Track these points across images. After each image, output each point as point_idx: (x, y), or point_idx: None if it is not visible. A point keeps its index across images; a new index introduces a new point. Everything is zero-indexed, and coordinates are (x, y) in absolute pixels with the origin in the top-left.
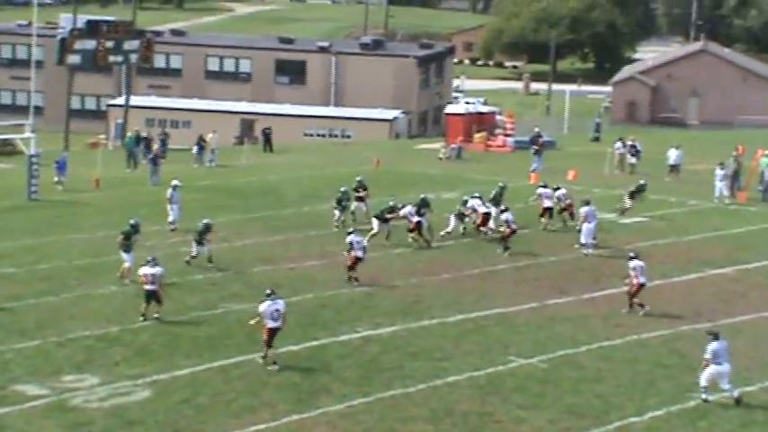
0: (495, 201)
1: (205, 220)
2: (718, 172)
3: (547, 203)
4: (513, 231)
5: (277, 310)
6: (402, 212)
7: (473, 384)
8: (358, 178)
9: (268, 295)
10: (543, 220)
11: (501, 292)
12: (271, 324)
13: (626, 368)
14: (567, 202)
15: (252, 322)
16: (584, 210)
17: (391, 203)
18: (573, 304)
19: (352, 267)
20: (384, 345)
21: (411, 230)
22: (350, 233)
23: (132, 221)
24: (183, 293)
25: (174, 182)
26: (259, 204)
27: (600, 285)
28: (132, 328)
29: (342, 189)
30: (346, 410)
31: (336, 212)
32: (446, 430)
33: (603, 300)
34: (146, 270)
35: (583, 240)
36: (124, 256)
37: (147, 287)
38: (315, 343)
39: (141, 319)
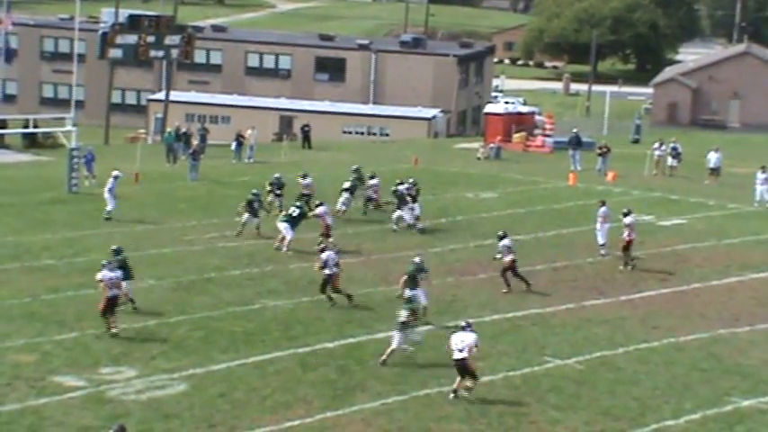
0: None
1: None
2: (760, 175)
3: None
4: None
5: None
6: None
7: (508, 384)
8: (276, 175)
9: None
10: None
11: (538, 293)
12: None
13: (663, 371)
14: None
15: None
16: (602, 210)
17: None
18: (610, 306)
19: (324, 286)
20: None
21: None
22: (323, 249)
23: (114, 247)
24: (220, 288)
25: (115, 173)
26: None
27: (637, 287)
28: (169, 321)
29: (254, 191)
30: (381, 408)
31: (245, 216)
32: (481, 430)
33: (641, 301)
34: (106, 273)
35: (601, 241)
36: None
37: (110, 293)
38: (351, 340)
39: (113, 331)
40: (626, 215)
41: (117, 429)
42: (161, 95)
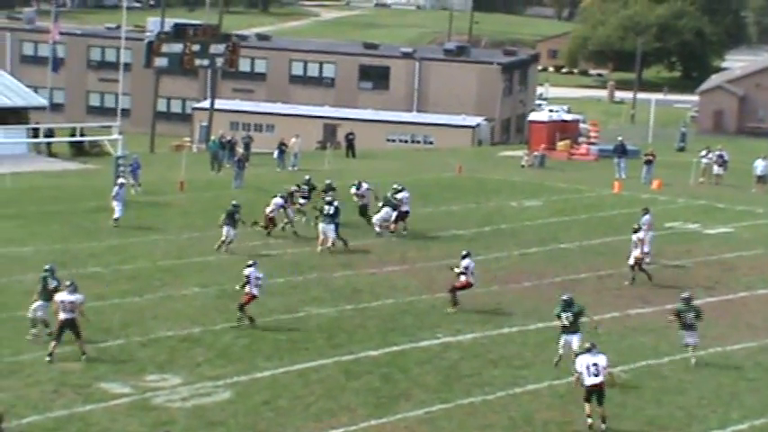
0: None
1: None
2: None
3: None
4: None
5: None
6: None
7: (553, 393)
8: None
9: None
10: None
11: (583, 301)
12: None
13: (709, 380)
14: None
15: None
16: (645, 218)
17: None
18: (656, 314)
19: (244, 305)
20: (464, 351)
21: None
22: (249, 265)
23: (47, 266)
24: (265, 296)
25: (120, 180)
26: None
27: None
28: (214, 329)
29: (233, 203)
30: (425, 416)
31: (224, 229)
32: None
33: None
34: (63, 297)
35: (645, 249)
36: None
37: (63, 315)
38: (395, 348)
39: (48, 359)
40: (635, 231)
41: None
42: (206, 104)
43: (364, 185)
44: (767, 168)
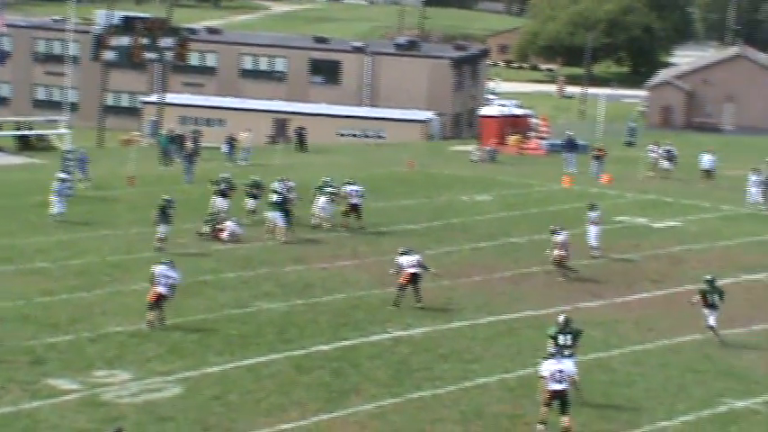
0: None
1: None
2: (752, 178)
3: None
4: None
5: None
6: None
7: (503, 387)
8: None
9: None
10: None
11: (532, 295)
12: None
13: (657, 373)
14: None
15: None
16: (594, 214)
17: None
18: (605, 308)
19: (154, 305)
20: (415, 346)
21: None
22: (161, 263)
23: None
24: (216, 291)
25: (61, 175)
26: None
27: (632, 289)
28: (164, 324)
29: (165, 197)
30: (376, 411)
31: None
32: None
33: (636, 304)
34: None
35: (595, 244)
36: None
37: None
38: (346, 343)
39: None
40: (554, 232)
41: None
42: (155, 98)
43: (290, 183)
44: (713, 163)
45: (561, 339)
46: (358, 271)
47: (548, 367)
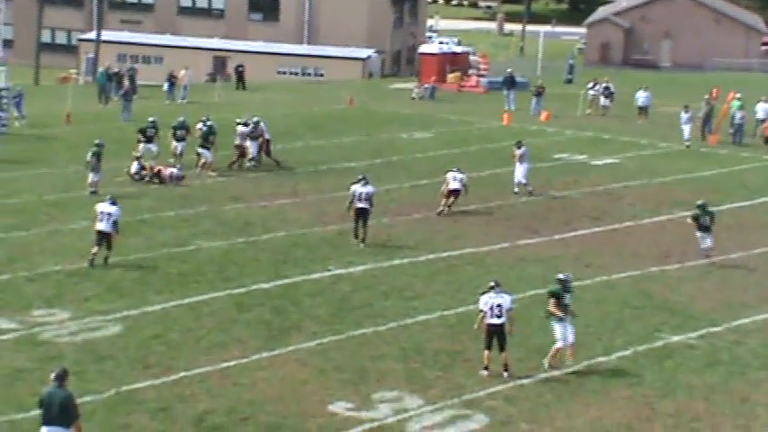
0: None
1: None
2: (683, 115)
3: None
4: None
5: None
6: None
7: (444, 323)
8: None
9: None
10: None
11: (472, 233)
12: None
13: (594, 309)
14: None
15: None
16: (521, 150)
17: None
18: (544, 245)
19: (98, 241)
20: (355, 283)
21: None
22: (103, 201)
23: None
24: (154, 230)
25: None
26: (231, 142)
27: (571, 226)
28: (107, 263)
29: (97, 141)
30: (317, 348)
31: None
32: (416, 368)
33: (574, 240)
34: None
35: (523, 180)
36: None
37: None
38: (286, 281)
39: None
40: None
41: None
42: (92, 35)
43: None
44: (648, 99)
45: (568, 299)
46: (298, 209)
47: (486, 300)
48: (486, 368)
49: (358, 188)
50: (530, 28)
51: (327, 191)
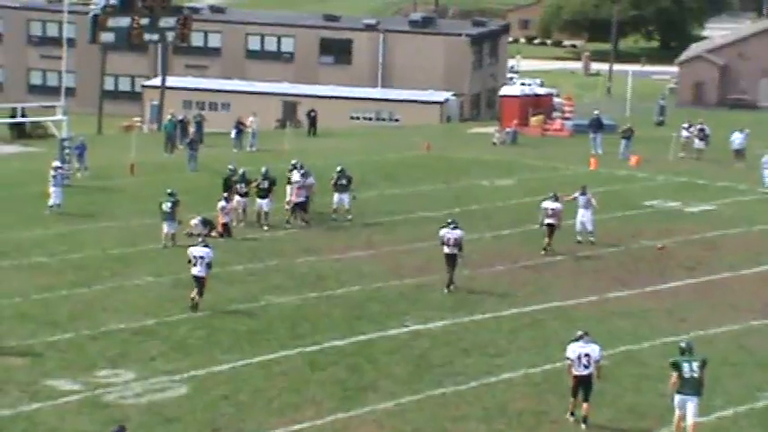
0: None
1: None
2: (765, 159)
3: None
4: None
5: None
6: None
7: (528, 382)
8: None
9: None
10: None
11: (558, 285)
12: None
13: None
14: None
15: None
16: (584, 197)
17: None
18: (635, 297)
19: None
20: (434, 340)
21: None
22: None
23: None
24: (223, 285)
25: (55, 163)
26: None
27: (664, 278)
28: (169, 320)
29: (169, 191)
30: (395, 409)
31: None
32: (500, 430)
33: (668, 293)
34: None
35: (590, 228)
36: None
37: None
38: (362, 338)
39: None
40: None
41: (117, 430)
42: (157, 81)
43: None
44: (744, 141)
45: (686, 369)
46: (373, 262)
47: (574, 349)
48: (572, 414)
49: (446, 233)
50: (617, 67)
51: (403, 242)
